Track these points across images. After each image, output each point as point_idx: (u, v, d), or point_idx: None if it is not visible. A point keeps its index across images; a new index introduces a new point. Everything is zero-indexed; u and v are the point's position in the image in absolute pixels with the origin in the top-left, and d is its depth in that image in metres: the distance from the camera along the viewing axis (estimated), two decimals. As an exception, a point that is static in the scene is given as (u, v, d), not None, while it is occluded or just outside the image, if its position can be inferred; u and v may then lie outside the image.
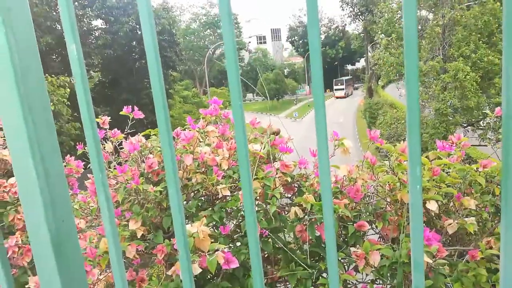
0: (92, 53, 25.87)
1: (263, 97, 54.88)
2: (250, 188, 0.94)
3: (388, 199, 2.14)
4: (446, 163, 1.93)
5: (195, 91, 42.20)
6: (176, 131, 1.98)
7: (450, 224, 1.94)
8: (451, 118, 19.47)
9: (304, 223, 1.86)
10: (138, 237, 1.80)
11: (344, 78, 59.55)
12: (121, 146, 2.24)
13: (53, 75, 18.33)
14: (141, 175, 1.93)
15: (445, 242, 2.15)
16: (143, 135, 2.27)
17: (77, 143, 2.37)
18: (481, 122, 20.08)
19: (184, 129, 2.08)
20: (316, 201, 1.77)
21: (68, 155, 2.91)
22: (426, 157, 2.23)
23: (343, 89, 56.47)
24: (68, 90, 18.64)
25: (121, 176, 1.84)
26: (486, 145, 19.78)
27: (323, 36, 66.29)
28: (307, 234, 1.83)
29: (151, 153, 2.07)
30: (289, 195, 2.07)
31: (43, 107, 1.09)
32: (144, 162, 2.01)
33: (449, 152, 2.18)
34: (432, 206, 1.84)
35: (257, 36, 78.37)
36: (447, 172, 2.04)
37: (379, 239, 2.16)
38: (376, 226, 2.15)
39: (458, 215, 2.03)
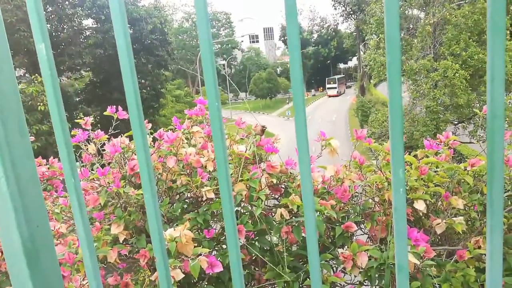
0: (83, 52, 25.63)
1: (256, 96, 54.84)
2: (229, 189, 0.90)
3: (376, 199, 2.11)
4: (433, 161, 1.91)
5: (187, 91, 42.02)
6: (159, 132, 1.93)
7: (439, 224, 1.92)
8: (441, 116, 19.63)
9: (291, 225, 1.83)
10: (121, 241, 1.76)
11: (336, 76, 59.69)
12: (103, 148, 2.19)
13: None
14: (123, 178, 1.88)
15: (433, 241, 2.13)
16: (126, 136, 2.22)
17: None
18: (471, 120, 20.25)
19: (168, 130, 2.04)
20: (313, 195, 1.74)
21: (52, 157, 2.86)
22: (414, 156, 2.21)
23: (335, 87, 56.59)
24: (58, 90, 18.48)
25: (102, 178, 1.79)
26: (476, 142, 19.96)
27: (315, 35, 66.40)
28: (294, 236, 1.80)
29: (134, 154, 2.02)
30: (276, 196, 2.04)
31: (15, 109, 1.04)
32: (127, 164, 1.97)
33: (437, 150, 2.16)
34: (420, 205, 1.82)
35: (249, 35, 78.30)
36: (435, 171, 2.02)
37: (367, 240, 2.14)
38: (365, 227, 2.13)
39: (447, 214, 2.01)
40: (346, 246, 1.94)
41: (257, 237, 1.89)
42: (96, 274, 1.02)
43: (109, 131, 2.34)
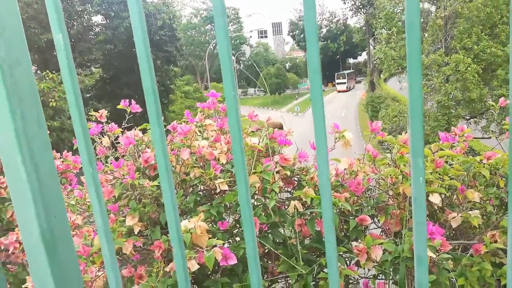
0: (92, 48, 25.80)
1: (265, 92, 54.70)
2: (246, 181, 0.90)
3: (390, 193, 2.10)
4: (449, 154, 1.88)
5: (196, 86, 42.13)
6: (173, 125, 1.94)
7: (454, 217, 1.90)
8: (453, 111, 19.39)
9: (304, 218, 1.82)
10: (136, 233, 1.77)
11: (346, 71, 59.32)
12: (117, 141, 2.21)
13: (54, 72, 18.33)
14: (137, 170, 1.89)
15: (448, 235, 2.11)
16: (139, 129, 2.23)
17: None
18: (484, 115, 19.97)
19: (181, 123, 2.04)
20: (316, 194, 1.73)
21: (65, 151, 2.88)
22: (428, 149, 2.18)
23: (345, 82, 56.23)
24: (70, 86, 18.65)
25: (117, 171, 1.80)
26: (489, 138, 19.69)
27: (324, 30, 65.95)
28: (307, 229, 1.79)
29: (147, 147, 2.03)
30: (289, 189, 2.03)
31: (33, 101, 1.05)
32: (140, 157, 1.97)
33: (452, 143, 2.14)
34: (435, 199, 1.80)
35: (258, 31, 78.06)
36: (450, 164, 2.00)
37: (381, 234, 2.13)
38: (378, 220, 2.12)
39: (462, 208, 1.99)
40: (360, 240, 1.93)
41: (270, 230, 1.89)
42: (113, 264, 1.03)
43: (122, 124, 2.36)
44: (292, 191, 2.04)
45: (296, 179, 1.96)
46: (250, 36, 66.76)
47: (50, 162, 1.05)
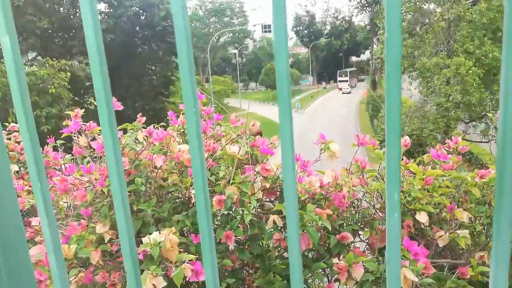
0: (94, 37, 25.50)
1: (266, 87, 54.49)
2: (205, 190, 0.81)
3: (377, 206, 2.01)
4: (439, 174, 1.79)
5: (197, 79, 41.88)
6: (149, 129, 1.85)
7: (441, 236, 1.82)
8: (452, 114, 19.30)
9: (283, 232, 1.74)
10: (106, 241, 1.69)
11: (348, 69, 59.02)
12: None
13: (54, 59, 18.20)
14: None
15: (434, 253, 2.03)
16: (119, 129, 2.14)
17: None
18: (483, 118, 19.87)
19: (158, 128, 1.94)
20: (299, 209, 1.65)
21: (46, 146, 2.79)
22: (419, 162, 2.10)
23: (347, 80, 55.99)
24: (69, 74, 18.55)
25: (88, 176, 1.72)
26: (488, 142, 19.60)
27: (329, 27, 65.57)
28: (286, 243, 1.70)
29: (123, 150, 1.93)
30: (271, 199, 1.94)
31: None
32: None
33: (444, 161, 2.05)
34: (422, 218, 1.72)
35: (262, 25, 77.65)
36: (441, 178, 1.91)
37: (365, 249, 2.05)
38: (364, 234, 2.03)
39: (450, 226, 1.90)
40: (342, 255, 1.85)
41: (248, 242, 1.80)
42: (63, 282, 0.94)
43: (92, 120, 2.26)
44: (274, 201, 1.95)
45: (278, 190, 1.87)
46: (254, 30, 66.44)
47: (4, 162, 0.96)
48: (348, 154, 2.05)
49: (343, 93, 54.11)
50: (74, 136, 2.14)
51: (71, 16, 25.00)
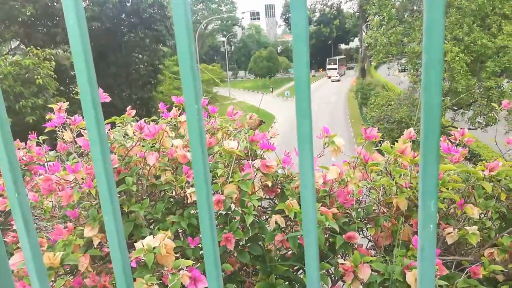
0: (79, 24, 24.93)
1: (255, 75, 54.06)
2: (208, 195, 0.71)
3: (382, 201, 1.92)
4: (451, 168, 1.69)
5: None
6: (140, 124, 1.71)
7: (450, 233, 1.73)
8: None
9: (286, 232, 1.63)
10: (95, 245, 1.56)
11: (337, 57, 58.89)
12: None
13: (38, 48, 17.73)
14: (99, 174, 1.66)
15: (441, 250, 1.95)
16: (107, 123, 2.00)
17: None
18: (471, 106, 20.02)
19: (149, 122, 1.81)
20: (301, 207, 1.54)
21: (29, 141, 2.63)
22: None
23: (336, 68, 55.96)
24: (54, 63, 18.12)
25: (74, 176, 1.58)
26: (475, 129, 19.76)
27: (318, 14, 65.18)
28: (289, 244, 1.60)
29: (111, 146, 1.79)
30: (271, 197, 1.83)
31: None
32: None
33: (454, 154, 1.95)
34: (432, 215, 1.63)
35: (250, 12, 76.85)
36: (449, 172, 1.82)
37: (369, 246, 1.96)
38: (367, 230, 1.94)
39: (459, 222, 1.82)
40: (347, 254, 1.76)
41: (248, 243, 1.70)
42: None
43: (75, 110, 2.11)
44: (274, 199, 1.84)
45: (279, 187, 1.76)
46: (242, 18, 65.69)
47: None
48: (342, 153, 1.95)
49: (332, 81, 54.14)
50: (58, 131, 1.99)
51: (54, 3, 24.30)
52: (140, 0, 26.77)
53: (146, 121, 1.78)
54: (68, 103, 1.98)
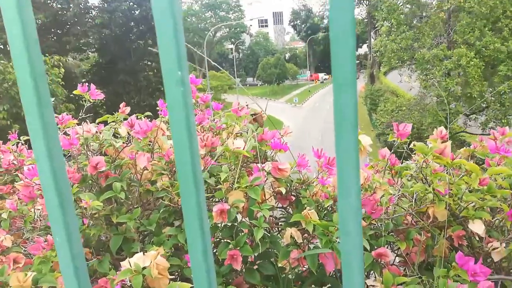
0: (89, 32, 25.18)
1: (263, 82, 53.99)
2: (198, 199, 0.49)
3: (414, 210, 1.65)
4: (503, 172, 1.42)
5: (195, 74, 41.37)
6: (130, 120, 1.47)
7: (497, 249, 1.46)
8: (452, 107, 19.04)
9: (302, 248, 1.37)
10: (78, 262, 1.33)
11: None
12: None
13: (47, 54, 17.83)
14: (83, 180, 1.43)
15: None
16: (100, 122, 1.77)
17: None
18: (484, 111, 19.57)
19: (141, 118, 1.57)
20: (320, 218, 1.29)
21: (21, 144, 2.42)
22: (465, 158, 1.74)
23: None
24: (63, 70, 18.24)
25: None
26: (488, 134, 19.23)
27: (326, 21, 65.04)
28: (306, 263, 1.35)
29: (101, 146, 1.56)
30: (284, 206, 1.58)
31: None
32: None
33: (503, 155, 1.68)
34: (478, 227, 1.36)
35: (258, 19, 77.15)
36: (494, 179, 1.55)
37: (399, 263, 1.69)
38: (394, 244, 1.68)
39: (505, 235, 1.55)
40: (374, 274, 1.49)
41: (257, 261, 1.44)
42: None
43: (80, 114, 1.90)
44: (287, 208, 1.58)
45: (293, 194, 1.51)
46: (251, 25, 65.84)
47: None
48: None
49: None
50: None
51: (65, 11, 24.50)
52: (148, 8, 26.86)
53: (139, 117, 1.55)
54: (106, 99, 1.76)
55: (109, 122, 1.72)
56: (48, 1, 23.35)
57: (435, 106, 19.43)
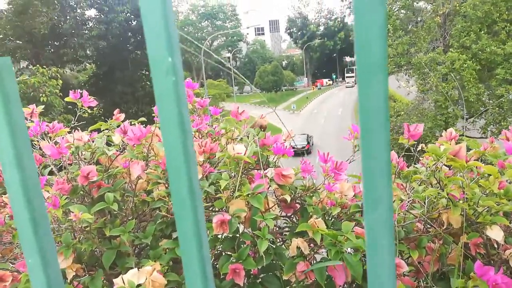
0: (86, 44, 25.21)
1: (261, 89, 54.08)
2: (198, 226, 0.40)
3: (427, 217, 1.56)
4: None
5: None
6: (123, 127, 1.39)
7: (515, 255, 1.37)
8: (451, 111, 19.05)
9: (310, 261, 1.29)
10: (69, 279, 1.23)
11: (354, 67, 59.89)
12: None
13: (44, 66, 17.86)
14: (73, 191, 1.34)
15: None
16: (93, 130, 1.69)
17: None
18: (482, 115, 19.55)
19: (135, 124, 1.49)
20: (329, 227, 1.21)
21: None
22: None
23: (353, 76, 58.85)
24: (60, 81, 18.26)
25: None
26: (487, 137, 19.14)
27: (322, 28, 65.37)
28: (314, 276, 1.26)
29: (92, 155, 1.47)
30: (288, 215, 1.49)
31: None
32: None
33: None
34: (496, 234, 1.27)
35: (255, 28, 77.60)
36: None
37: (409, 272, 1.60)
38: (404, 252, 1.59)
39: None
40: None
41: (261, 274, 1.35)
42: None
43: (72, 122, 1.82)
44: (292, 216, 1.50)
45: (298, 202, 1.42)
46: (247, 33, 66.14)
47: None
48: (346, 154, 1.62)
49: (346, 87, 57.37)
50: (36, 140, 1.69)
51: (62, 23, 24.55)
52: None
53: (132, 123, 1.47)
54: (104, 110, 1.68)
55: (102, 130, 1.63)
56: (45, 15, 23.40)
57: (434, 111, 19.45)
